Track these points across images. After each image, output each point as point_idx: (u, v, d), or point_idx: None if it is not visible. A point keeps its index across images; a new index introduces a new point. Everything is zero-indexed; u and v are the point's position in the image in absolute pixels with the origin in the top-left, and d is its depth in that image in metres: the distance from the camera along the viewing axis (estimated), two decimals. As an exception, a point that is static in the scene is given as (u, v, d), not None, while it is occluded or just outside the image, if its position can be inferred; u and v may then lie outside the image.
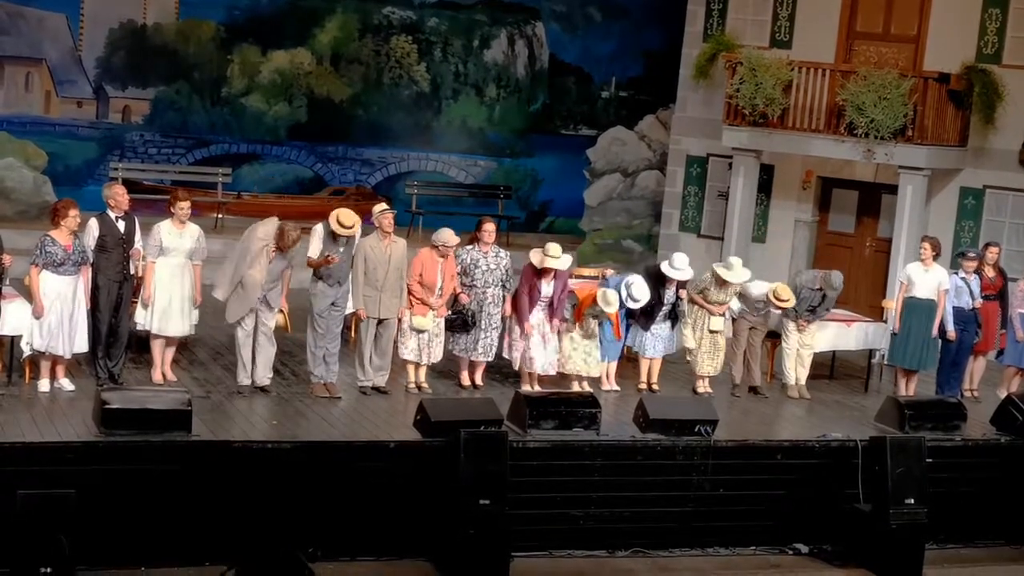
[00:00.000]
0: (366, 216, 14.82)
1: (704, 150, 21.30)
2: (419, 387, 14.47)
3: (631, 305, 14.92)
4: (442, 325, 14.48)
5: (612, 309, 14.63)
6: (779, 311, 15.45)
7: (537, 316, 14.65)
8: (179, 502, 11.51)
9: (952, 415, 14.41)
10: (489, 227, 14.82)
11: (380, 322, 14.12)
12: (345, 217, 13.80)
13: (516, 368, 14.87)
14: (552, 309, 14.65)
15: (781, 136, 19.31)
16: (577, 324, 14.82)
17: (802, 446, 13.69)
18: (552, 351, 14.74)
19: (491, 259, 14.74)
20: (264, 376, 13.91)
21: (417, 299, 14.26)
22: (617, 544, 13.02)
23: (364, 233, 14.36)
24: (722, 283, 15.19)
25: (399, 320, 14.26)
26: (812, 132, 19.11)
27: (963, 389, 16.22)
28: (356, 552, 12.15)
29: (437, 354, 14.53)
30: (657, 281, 15.18)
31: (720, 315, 15.31)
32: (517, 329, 14.71)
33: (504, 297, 14.81)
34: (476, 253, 14.72)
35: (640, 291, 14.87)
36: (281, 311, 14.10)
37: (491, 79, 23.94)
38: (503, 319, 14.90)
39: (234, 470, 11.74)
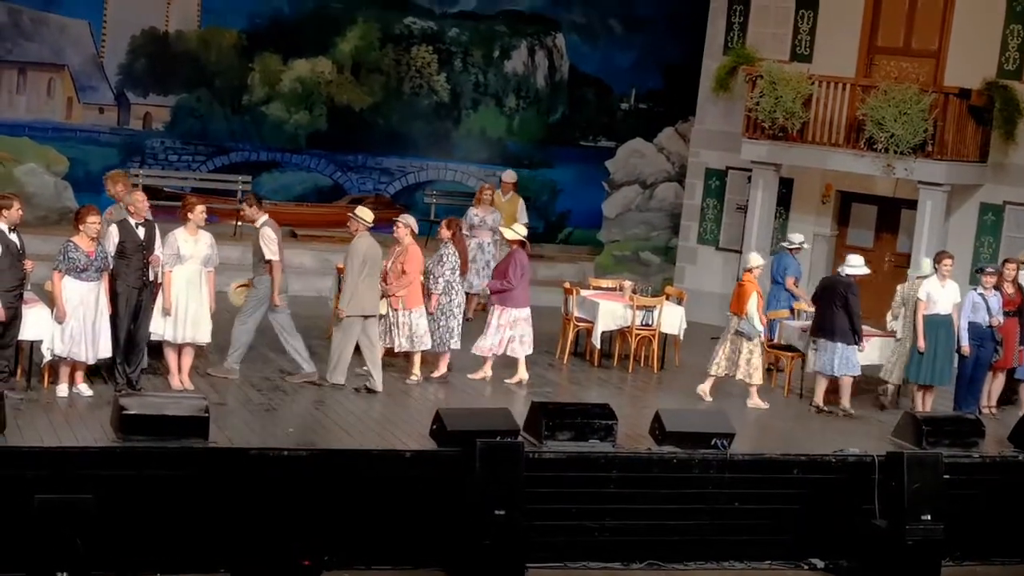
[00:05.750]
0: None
1: (723, 163, 21.28)
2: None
3: (852, 271, 15.76)
4: (398, 313, 15.03)
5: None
6: None
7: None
8: (195, 509, 11.54)
9: (970, 431, 14.37)
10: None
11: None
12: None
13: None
14: (496, 280, 15.68)
15: (801, 150, 19.29)
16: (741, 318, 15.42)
17: (819, 461, 13.66)
18: (493, 335, 15.60)
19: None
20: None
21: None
22: (632, 556, 13.02)
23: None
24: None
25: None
26: (832, 146, 19.08)
27: (981, 406, 16.18)
28: (371, 560, 12.16)
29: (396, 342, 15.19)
30: (847, 289, 15.58)
31: None
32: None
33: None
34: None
35: (857, 260, 15.84)
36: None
37: (511, 89, 23.96)
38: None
39: (251, 477, 11.77)
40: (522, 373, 15.75)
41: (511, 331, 15.68)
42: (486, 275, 18.05)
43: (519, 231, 16.04)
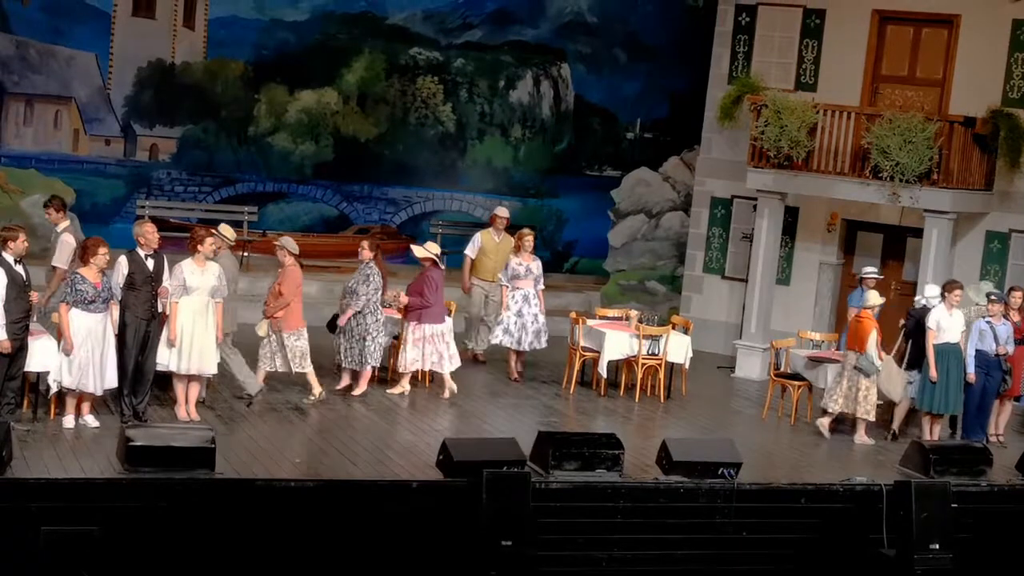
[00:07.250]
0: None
1: (729, 192, 21.30)
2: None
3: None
4: (281, 335, 15.11)
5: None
6: None
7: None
8: (202, 540, 11.52)
9: (977, 460, 14.33)
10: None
11: None
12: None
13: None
14: (414, 296, 16.00)
15: (806, 178, 19.29)
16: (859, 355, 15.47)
17: (826, 490, 13.63)
18: (412, 350, 15.98)
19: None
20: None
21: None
22: (640, 586, 12.98)
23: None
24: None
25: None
26: (837, 175, 19.08)
27: (988, 434, 16.14)
28: (378, 592, 12.13)
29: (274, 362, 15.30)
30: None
31: None
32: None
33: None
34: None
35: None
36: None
37: (516, 119, 24.02)
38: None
39: (257, 508, 11.75)
40: (450, 384, 16.17)
41: (431, 346, 15.97)
42: (535, 328, 17.37)
43: (430, 249, 16.27)
